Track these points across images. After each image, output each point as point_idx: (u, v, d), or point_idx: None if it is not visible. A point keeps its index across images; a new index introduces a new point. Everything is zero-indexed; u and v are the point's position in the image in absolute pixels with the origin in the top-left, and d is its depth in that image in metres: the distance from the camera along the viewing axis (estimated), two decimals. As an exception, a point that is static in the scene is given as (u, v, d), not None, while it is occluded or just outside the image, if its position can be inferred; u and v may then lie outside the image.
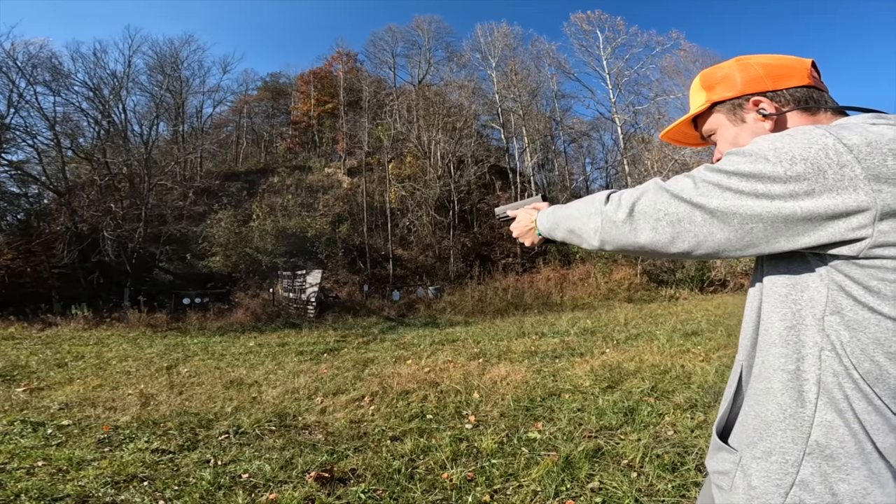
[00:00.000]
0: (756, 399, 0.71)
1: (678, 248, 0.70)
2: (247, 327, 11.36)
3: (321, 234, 19.90)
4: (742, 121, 0.84)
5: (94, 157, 17.99)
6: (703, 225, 0.67)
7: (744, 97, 0.83)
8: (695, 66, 25.81)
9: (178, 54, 27.03)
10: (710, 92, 0.87)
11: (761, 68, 0.83)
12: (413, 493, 2.49)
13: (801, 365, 0.65)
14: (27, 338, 9.61)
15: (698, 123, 0.93)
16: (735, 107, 0.85)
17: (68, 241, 15.88)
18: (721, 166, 0.67)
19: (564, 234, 0.91)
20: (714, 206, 0.65)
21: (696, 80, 0.92)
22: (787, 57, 0.84)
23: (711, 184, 0.66)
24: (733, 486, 0.72)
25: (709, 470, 0.81)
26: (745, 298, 0.80)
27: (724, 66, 0.88)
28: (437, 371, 5.43)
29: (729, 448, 0.75)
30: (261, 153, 33.27)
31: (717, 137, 0.89)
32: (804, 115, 0.79)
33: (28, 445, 3.29)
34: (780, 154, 0.61)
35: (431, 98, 26.98)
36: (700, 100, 0.89)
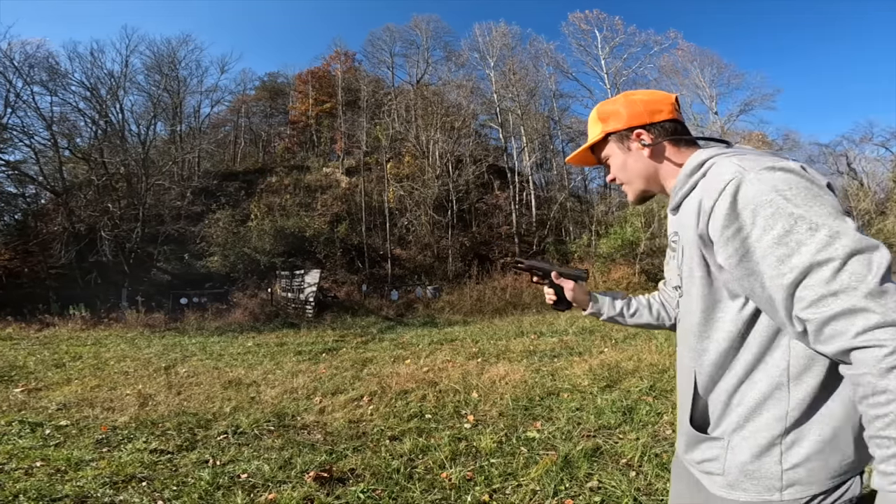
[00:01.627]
0: (738, 391, 0.82)
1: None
2: (245, 327, 11.35)
3: (319, 234, 19.88)
4: (628, 149, 1.00)
5: (91, 157, 17.94)
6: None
7: (628, 129, 0.98)
8: (692, 66, 25.90)
9: (175, 54, 26.93)
10: (604, 124, 1.02)
11: (641, 105, 0.98)
12: (412, 493, 2.49)
13: (775, 355, 0.78)
14: (25, 338, 9.59)
15: (596, 150, 1.07)
16: (622, 137, 1.00)
17: (66, 241, 15.84)
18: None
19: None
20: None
21: (594, 112, 1.05)
22: (659, 93, 1.01)
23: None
24: (726, 466, 0.83)
25: (692, 461, 0.91)
26: None
27: (615, 101, 1.02)
28: (436, 371, 5.44)
29: (714, 437, 0.86)
30: (259, 153, 33.20)
31: (610, 162, 1.05)
32: (672, 145, 0.97)
33: (26, 446, 3.28)
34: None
35: (430, 98, 26.96)
36: (597, 131, 1.03)
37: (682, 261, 0.90)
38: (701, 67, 25.94)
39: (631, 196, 1.05)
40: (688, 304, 0.90)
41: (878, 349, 0.59)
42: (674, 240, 0.97)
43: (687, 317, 0.92)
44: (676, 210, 0.92)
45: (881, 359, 0.59)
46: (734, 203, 0.72)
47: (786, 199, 0.69)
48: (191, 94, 28.71)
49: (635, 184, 1.02)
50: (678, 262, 0.93)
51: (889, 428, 0.59)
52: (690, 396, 0.89)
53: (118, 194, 17.81)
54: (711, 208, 0.75)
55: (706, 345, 0.85)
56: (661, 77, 26.72)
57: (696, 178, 0.85)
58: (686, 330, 0.92)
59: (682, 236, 0.89)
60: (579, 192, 27.60)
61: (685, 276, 0.89)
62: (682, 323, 0.95)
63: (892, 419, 0.59)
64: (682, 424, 0.94)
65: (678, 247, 0.92)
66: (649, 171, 0.99)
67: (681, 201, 0.89)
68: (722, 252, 0.75)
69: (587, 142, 1.07)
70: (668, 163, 0.97)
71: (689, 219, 0.84)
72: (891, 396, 0.59)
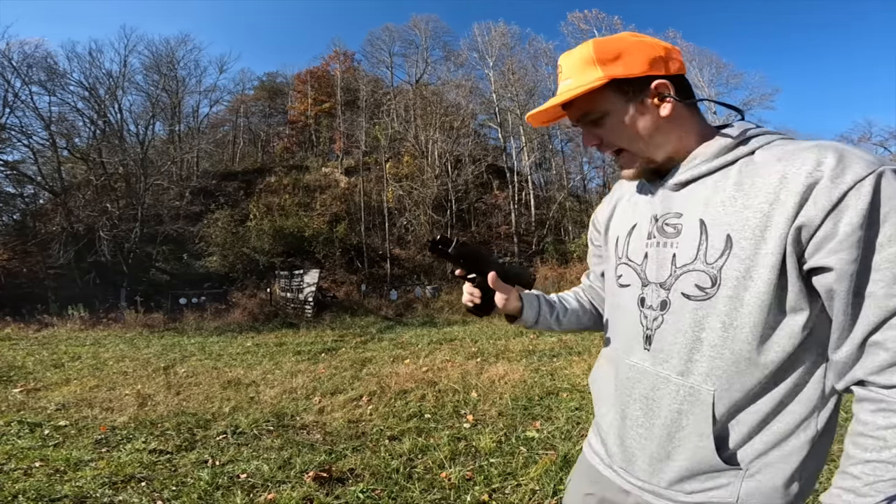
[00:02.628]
0: (766, 420, 0.73)
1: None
2: (244, 327, 11.34)
3: (318, 234, 19.86)
4: (641, 103, 0.76)
5: (89, 157, 17.93)
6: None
7: (645, 78, 0.75)
8: (691, 65, 25.91)
9: (174, 54, 26.94)
10: (606, 67, 0.74)
11: (661, 49, 0.76)
12: (411, 493, 2.49)
13: (815, 378, 0.72)
14: (23, 338, 9.57)
15: (576, 102, 0.78)
16: (634, 87, 0.75)
17: (64, 241, 15.82)
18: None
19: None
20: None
21: (587, 49, 0.76)
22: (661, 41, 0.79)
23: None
24: (740, 493, 0.73)
25: (681, 491, 0.77)
26: None
27: (620, 39, 0.76)
28: (435, 370, 5.44)
29: (733, 467, 0.74)
30: (258, 153, 33.19)
31: (605, 122, 0.78)
32: (689, 106, 0.78)
33: (25, 446, 3.28)
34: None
35: (429, 97, 26.96)
36: (593, 74, 0.74)
37: (723, 258, 0.70)
38: (700, 67, 26.02)
39: (633, 168, 0.82)
40: (717, 312, 0.71)
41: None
42: (671, 222, 0.78)
43: (704, 328, 0.73)
44: (688, 184, 0.77)
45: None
46: (875, 200, 0.60)
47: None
48: (189, 94, 28.74)
49: (643, 150, 0.79)
50: (696, 254, 0.74)
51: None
52: (709, 424, 0.73)
53: (117, 194, 17.80)
54: (839, 200, 0.61)
55: (750, 369, 0.70)
56: (660, 77, 26.75)
57: (738, 155, 0.72)
58: (696, 342, 0.74)
59: (719, 223, 0.71)
60: (578, 191, 27.59)
61: (733, 279, 0.69)
62: (687, 336, 0.75)
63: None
64: (659, 455, 0.79)
65: (691, 234, 0.75)
66: (661, 135, 0.77)
67: (700, 176, 0.75)
68: (844, 253, 0.62)
69: (573, 88, 0.75)
70: (685, 127, 0.78)
71: (756, 200, 0.68)
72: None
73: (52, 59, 19.86)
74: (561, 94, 0.77)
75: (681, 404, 0.75)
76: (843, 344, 0.66)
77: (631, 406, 0.83)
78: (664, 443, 0.78)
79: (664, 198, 0.81)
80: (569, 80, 0.77)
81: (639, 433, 0.82)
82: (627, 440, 0.84)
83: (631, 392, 0.84)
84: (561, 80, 0.79)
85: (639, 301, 0.82)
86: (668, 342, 0.77)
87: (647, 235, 0.82)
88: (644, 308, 0.82)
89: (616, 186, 1.00)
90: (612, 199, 0.99)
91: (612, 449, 0.88)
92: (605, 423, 0.91)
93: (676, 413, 0.76)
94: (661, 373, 0.78)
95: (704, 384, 0.73)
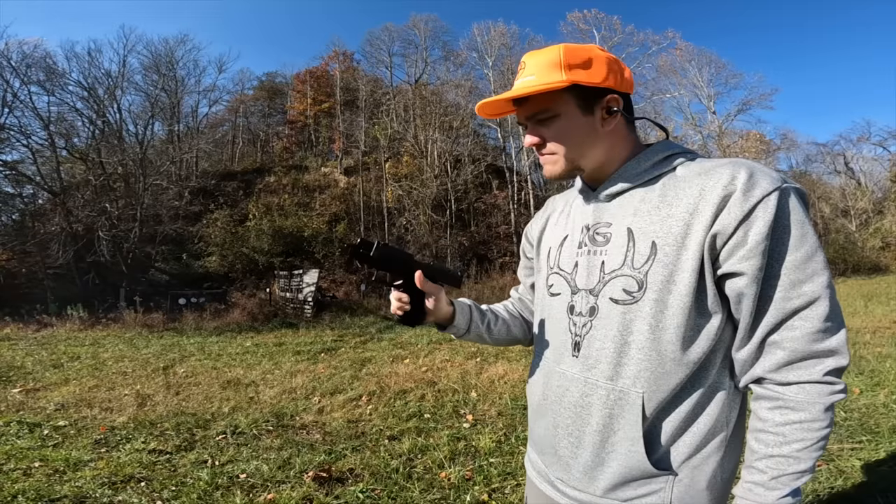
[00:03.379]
0: (689, 420, 0.76)
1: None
2: (243, 327, 11.33)
3: (318, 234, 19.86)
4: (590, 112, 0.80)
5: (88, 157, 17.92)
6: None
7: (602, 90, 0.79)
8: (690, 65, 25.94)
9: (173, 54, 26.87)
10: (571, 71, 0.76)
11: (616, 64, 0.80)
12: (411, 493, 2.49)
13: (726, 376, 0.77)
14: (23, 339, 9.57)
15: (532, 99, 0.80)
16: (590, 96, 0.79)
17: (63, 241, 15.80)
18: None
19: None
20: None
21: (555, 52, 0.78)
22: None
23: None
24: (672, 499, 0.75)
25: (617, 499, 0.78)
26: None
27: (587, 49, 0.79)
28: (435, 370, 5.44)
29: (663, 471, 0.75)
30: (257, 153, 33.16)
31: (554, 124, 0.80)
32: (628, 123, 0.84)
33: (24, 446, 3.28)
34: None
35: (428, 97, 26.95)
36: (555, 77, 0.76)
37: (648, 263, 0.74)
38: (699, 67, 26.01)
39: (560, 168, 0.83)
40: (644, 315, 0.74)
41: (833, 386, 0.68)
42: (602, 231, 0.82)
43: (632, 331, 0.76)
44: (618, 196, 0.82)
45: (833, 394, 0.68)
46: (779, 213, 0.67)
47: (809, 223, 0.70)
48: (188, 94, 28.65)
49: (576, 156, 0.81)
50: (623, 260, 0.77)
51: (806, 450, 0.67)
52: (640, 428, 0.75)
53: (116, 194, 17.80)
54: (750, 211, 0.67)
55: (675, 368, 0.73)
56: (659, 77, 26.80)
57: (661, 170, 0.79)
58: (623, 346, 0.76)
59: (645, 232, 0.76)
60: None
61: (658, 283, 0.73)
62: (615, 341, 0.77)
63: (813, 444, 0.68)
64: (592, 463, 0.80)
65: (619, 242, 0.79)
66: (598, 146, 0.81)
67: (629, 189, 0.80)
68: (755, 260, 0.68)
69: (535, 85, 0.77)
70: (620, 142, 0.83)
71: (678, 211, 0.73)
72: (825, 425, 0.68)
73: (51, 59, 19.84)
74: (524, 87, 0.78)
75: (611, 409, 0.77)
76: (745, 344, 0.73)
77: (562, 414, 0.85)
78: (598, 449, 0.79)
79: (595, 209, 0.85)
80: (532, 76, 0.78)
81: (570, 442, 0.83)
82: (561, 450, 0.85)
83: (561, 400, 0.85)
84: (522, 76, 0.80)
85: (568, 308, 0.85)
86: (595, 348, 0.80)
87: (578, 245, 0.86)
88: (573, 315, 0.84)
89: (548, 202, 1.05)
90: (545, 213, 1.03)
91: (549, 459, 0.89)
92: (538, 435, 0.93)
93: (608, 418, 0.78)
94: (590, 378, 0.80)
95: (633, 387, 0.75)
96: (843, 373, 0.69)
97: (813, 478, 2.43)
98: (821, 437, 0.68)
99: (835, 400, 0.68)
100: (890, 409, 3.30)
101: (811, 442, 0.67)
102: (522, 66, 0.81)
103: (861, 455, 2.66)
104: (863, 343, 5.58)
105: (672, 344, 0.73)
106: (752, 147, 19.58)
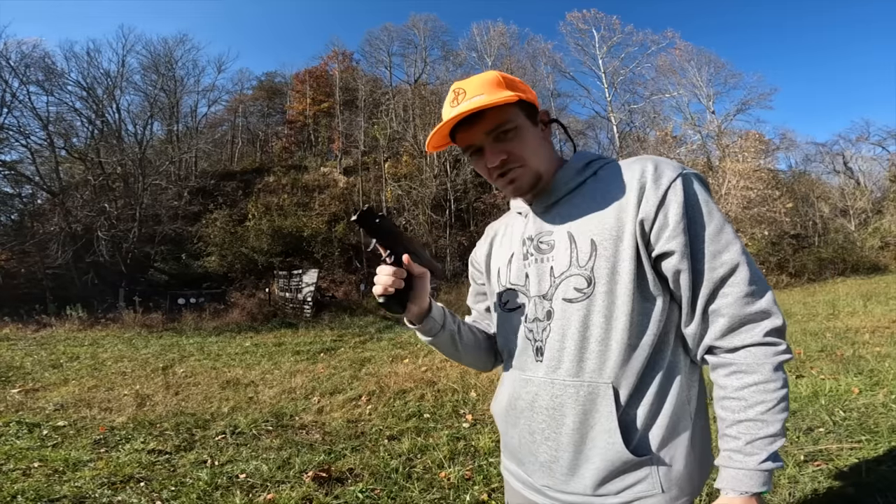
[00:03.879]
0: (657, 404, 0.79)
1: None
2: (243, 327, 11.33)
3: (317, 234, 19.86)
4: (535, 126, 0.87)
5: (87, 157, 17.91)
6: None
7: (535, 107, 0.88)
8: (690, 65, 25.93)
9: (172, 53, 26.86)
10: (513, 90, 0.83)
11: (529, 87, 0.90)
12: (411, 493, 2.49)
13: (680, 353, 0.81)
14: (22, 339, 9.56)
15: (488, 116, 0.82)
16: (533, 113, 0.88)
17: (62, 241, 15.79)
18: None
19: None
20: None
21: (492, 74, 0.85)
22: None
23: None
24: (663, 482, 0.78)
25: (608, 492, 0.79)
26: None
27: (506, 75, 0.87)
28: (434, 370, 5.44)
29: (643, 457, 0.77)
30: (256, 152, 33.16)
31: (516, 136, 0.84)
32: (550, 139, 0.94)
33: (24, 447, 3.27)
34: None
35: (427, 97, 26.92)
36: (503, 93, 0.80)
37: (591, 259, 0.80)
38: (698, 67, 25.98)
39: (528, 178, 0.86)
40: (598, 308, 0.79)
41: (776, 347, 0.73)
42: (545, 240, 0.87)
43: (588, 326, 0.79)
44: (554, 206, 0.87)
45: (778, 354, 0.72)
46: (686, 194, 0.76)
47: (713, 201, 0.79)
48: (188, 94, 28.64)
49: (538, 165, 0.86)
50: (569, 261, 0.82)
51: (769, 412, 0.71)
52: (614, 417, 0.77)
53: (115, 194, 17.80)
54: (663, 196, 0.76)
55: (633, 353, 0.77)
56: (658, 76, 26.80)
57: (585, 176, 0.86)
58: (583, 341, 0.80)
59: (583, 232, 0.81)
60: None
61: (604, 276, 0.78)
62: (574, 338, 0.80)
63: (775, 406, 0.71)
64: (574, 462, 0.82)
65: (562, 246, 0.84)
66: (547, 155, 0.88)
67: (561, 197, 0.87)
68: (680, 238, 0.74)
69: (486, 101, 0.78)
70: (552, 152, 0.91)
71: (607, 209, 0.80)
72: (780, 385, 0.71)
73: (50, 59, 19.84)
74: (480, 102, 0.79)
75: (584, 405, 0.80)
76: (691, 318, 0.78)
77: (536, 420, 0.86)
78: (578, 447, 0.81)
79: (534, 222, 0.91)
80: (481, 95, 0.82)
81: (549, 446, 0.84)
82: (541, 455, 0.86)
83: (533, 406, 0.86)
84: (466, 98, 0.83)
85: (525, 318, 0.89)
86: (556, 349, 0.83)
87: (523, 257, 0.91)
88: (530, 322, 0.88)
89: (488, 228, 1.09)
90: (487, 239, 1.07)
91: (530, 468, 0.89)
92: (513, 446, 0.93)
93: (583, 414, 0.80)
94: (557, 379, 0.82)
95: (600, 378, 0.79)
96: (783, 333, 0.74)
97: (812, 477, 2.43)
98: (780, 398, 0.71)
99: (781, 360, 0.72)
100: (889, 408, 3.30)
101: (772, 403, 0.71)
102: (460, 91, 0.84)
103: (860, 455, 2.66)
104: (862, 342, 5.58)
105: (625, 331, 0.77)
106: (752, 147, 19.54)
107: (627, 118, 26.66)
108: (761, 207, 17.84)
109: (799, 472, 2.50)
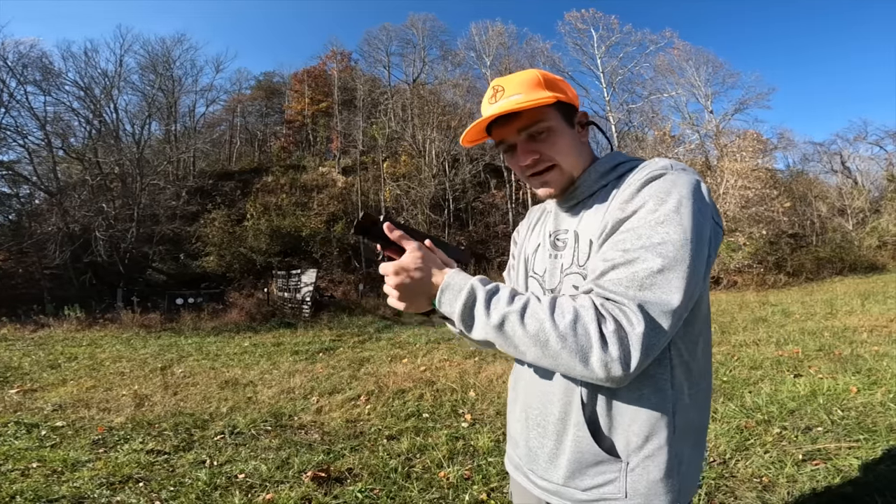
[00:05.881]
0: (629, 408, 0.78)
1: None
2: (241, 327, 11.31)
3: (316, 234, 19.85)
4: (571, 128, 0.88)
5: (85, 157, 17.87)
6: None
7: (575, 108, 0.89)
8: (688, 65, 25.96)
9: (170, 53, 26.81)
10: (552, 90, 0.84)
11: (571, 87, 0.90)
12: (410, 492, 2.49)
13: (659, 369, 0.78)
14: (19, 339, 9.53)
15: (524, 115, 0.84)
16: (571, 114, 0.88)
17: (60, 241, 15.75)
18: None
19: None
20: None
21: (533, 73, 0.86)
22: None
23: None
24: (627, 488, 0.77)
25: (577, 488, 0.81)
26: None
27: (549, 75, 0.88)
28: (433, 370, 5.44)
29: (614, 458, 0.78)
30: (254, 152, 33.12)
31: (548, 138, 0.85)
32: (587, 140, 0.94)
33: (22, 447, 3.27)
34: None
35: (426, 97, 26.95)
36: (542, 94, 0.82)
37: (588, 259, 0.82)
38: (696, 66, 26.00)
39: (560, 181, 0.88)
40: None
41: (610, 328, 0.69)
42: (561, 237, 0.90)
43: None
44: (576, 206, 0.89)
45: (602, 333, 0.68)
46: (664, 192, 0.74)
47: (695, 211, 0.78)
48: (186, 94, 28.61)
49: (571, 167, 0.87)
50: (571, 259, 0.85)
51: (511, 316, 0.72)
52: (580, 410, 0.79)
53: (113, 194, 17.76)
54: (633, 194, 0.77)
55: None
56: (657, 76, 26.83)
57: (609, 179, 0.86)
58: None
59: (585, 232, 0.84)
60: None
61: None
62: None
63: (531, 324, 0.70)
64: (554, 451, 0.84)
65: (570, 245, 0.86)
66: (581, 157, 0.89)
67: (584, 198, 0.88)
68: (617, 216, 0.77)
69: (525, 102, 0.80)
70: (588, 154, 0.91)
71: (607, 209, 0.81)
72: (547, 330, 0.69)
73: (48, 59, 19.82)
74: (516, 103, 0.81)
75: (565, 396, 0.83)
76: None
77: (532, 404, 0.90)
78: (559, 436, 0.84)
79: (557, 218, 0.94)
80: (519, 94, 0.83)
81: (538, 432, 0.88)
82: (531, 441, 0.91)
83: (531, 391, 0.91)
84: (504, 97, 0.85)
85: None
86: None
87: (545, 250, 0.94)
88: None
89: (531, 211, 1.13)
90: (528, 221, 1.12)
91: (521, 452, 0.94)
92: (514, 430, 0.99)
93: (566, 405, 0.83)
94: (549, 371, 0.86)
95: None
96: (644, 337, 0.71)
97: (810, 476, 2.44)
98: (523, 320, 0.71)
99: (597, 334, 0.69)
100: (887, 407, 3.31)
101: (518, 311, 0.71)
102: (499, 88, 0.86)
103: (858, 454, 2.66)
104: (860, 341, 5.59)
105: None
106: (750, 146, 19.55)
107: (626, 118, 26.70)
108: (759, 207, 17.86)
109: (797, 472, 2.50)
